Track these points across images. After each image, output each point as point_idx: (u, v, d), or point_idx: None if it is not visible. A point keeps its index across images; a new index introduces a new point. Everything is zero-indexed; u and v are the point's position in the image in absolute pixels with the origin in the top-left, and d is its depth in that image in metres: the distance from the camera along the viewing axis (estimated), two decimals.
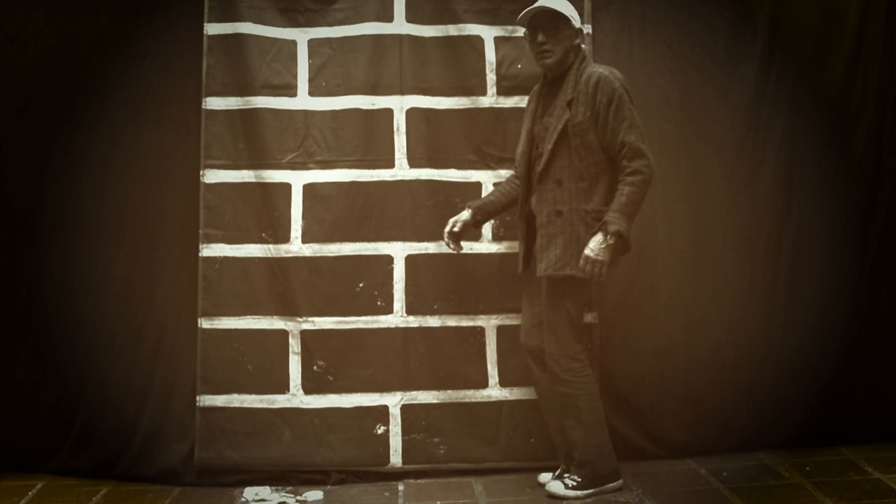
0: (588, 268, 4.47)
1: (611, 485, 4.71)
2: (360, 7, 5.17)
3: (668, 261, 5.21)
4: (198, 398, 5.03)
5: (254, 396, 5.04)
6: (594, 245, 4.47)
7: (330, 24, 5.17)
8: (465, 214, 4.92)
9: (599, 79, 4.58)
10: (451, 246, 4.92)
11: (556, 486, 4.71)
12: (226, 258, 5.08)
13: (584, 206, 4.56)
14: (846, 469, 4.88)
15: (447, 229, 4.90)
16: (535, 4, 4.67)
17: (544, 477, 4.85)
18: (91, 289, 5.13)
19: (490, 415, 5.08)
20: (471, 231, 4.97)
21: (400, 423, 5.04)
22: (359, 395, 5.06)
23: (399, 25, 5.14)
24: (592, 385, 4.70)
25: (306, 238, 5.09)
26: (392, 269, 5.10)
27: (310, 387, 5.05)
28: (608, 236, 4.45)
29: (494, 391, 5.09)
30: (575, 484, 4.68)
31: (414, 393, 5.07)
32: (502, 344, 5.11)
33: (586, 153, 4.58)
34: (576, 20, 4.68)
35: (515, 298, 5.01)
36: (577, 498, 4.66)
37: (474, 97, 5.16)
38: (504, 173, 5.08)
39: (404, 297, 5.10)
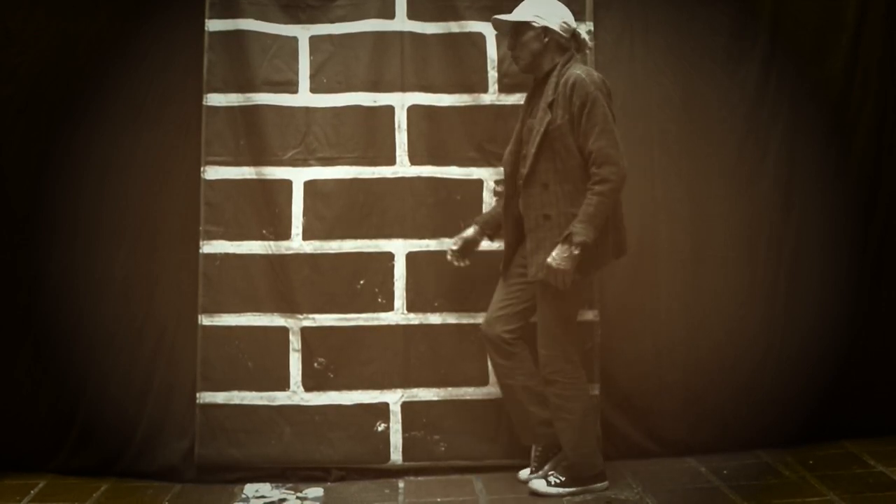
0: (551, 277, 4.45)
1: (595, 486, 4.71)
2: (361, 4, 5.16)
3: (668, 261, 5.21)
4: (198, 395, 5.02)
5: (254, 394, 5.03)
6: (556, 254, 4.43)
7: (331, 21, 5.17)
8: (470, 231, 4.96)
9: (576, 81, 4.50)
10: (457, 262, 4.95)
11: (538, 484, 4.73)
12: (226, 255, 5.07)
13: (572, 210, 4.50)
14: (849, 462, 4.89)
15: (450, 247, 4.95)
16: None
17: (524, 473, 4.88)
18: (91, 289, 5.12)
19: (490, 412, 5.07)
20: (479, 245, 5.00)
21: (400, 421, 5.03)
22: (359, 392, 5.05)
23: (400, 22, 5.15)
24: (584, 386, 4.70)
25: (307, 235, 5.08)
26: (393, 267, 5.10)
27: (310, 384, 5.04)
28: (573, 247, 4.40)
29: (495, 389, 5.06)
30: (559, 482, 4.69)
31: (414, 390, 5.07)
32: None
33: (568, 156, 4.52)
34: (541, 20, 4.62)
35: None
36: (559, 495, 4.66)
37: (476, 94, 5.16)
38: None
39: (405, 294, 5.09)
